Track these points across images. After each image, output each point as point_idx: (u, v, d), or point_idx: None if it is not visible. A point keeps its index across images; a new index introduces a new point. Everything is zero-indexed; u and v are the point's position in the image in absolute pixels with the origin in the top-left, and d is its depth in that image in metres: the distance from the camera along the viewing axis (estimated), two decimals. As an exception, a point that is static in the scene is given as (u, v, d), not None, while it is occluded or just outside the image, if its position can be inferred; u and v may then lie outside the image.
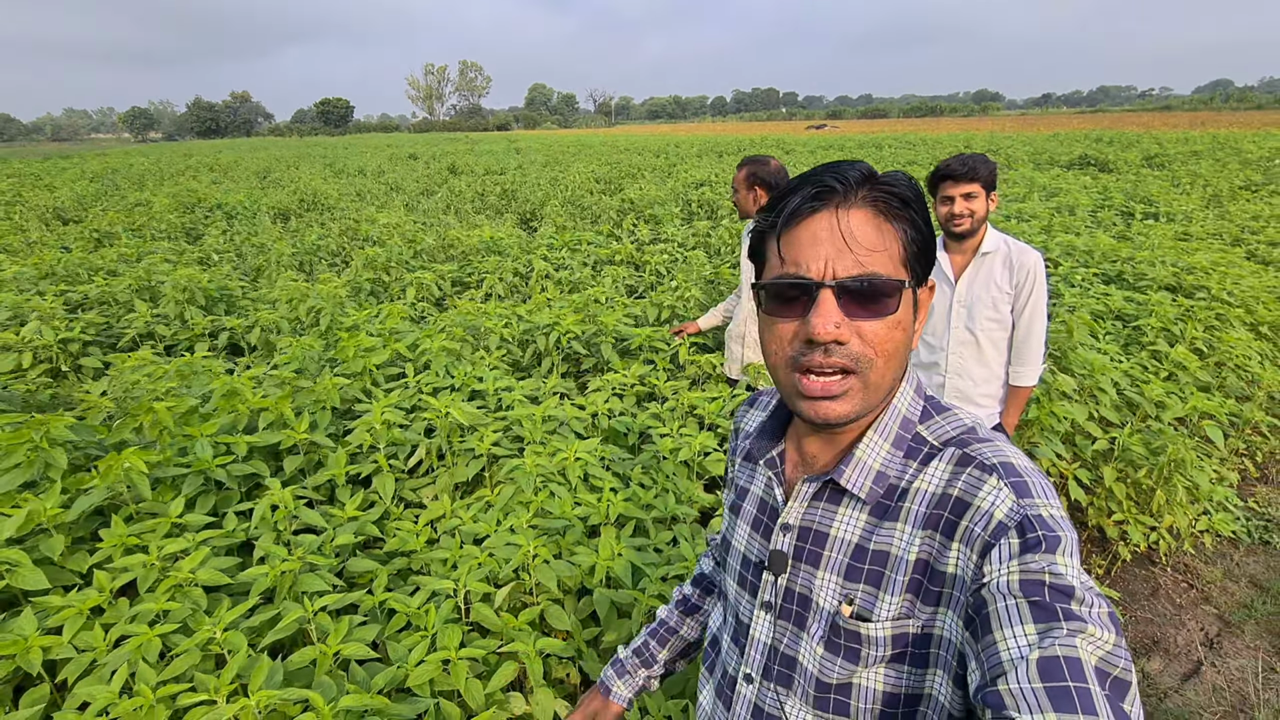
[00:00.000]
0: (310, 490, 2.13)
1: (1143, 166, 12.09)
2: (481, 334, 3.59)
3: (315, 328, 3.69)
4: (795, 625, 0.74)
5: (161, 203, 8.55)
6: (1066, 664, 0.50)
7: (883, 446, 0.71)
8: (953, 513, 0.64)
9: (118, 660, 1.43)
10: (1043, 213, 6.12)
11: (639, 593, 1.75)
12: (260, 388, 2.63)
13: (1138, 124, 34.79)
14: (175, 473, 2.04)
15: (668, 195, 8.85)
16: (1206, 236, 5.64)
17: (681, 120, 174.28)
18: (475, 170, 15.79)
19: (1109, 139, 18.90)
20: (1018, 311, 2.34)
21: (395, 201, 10.37)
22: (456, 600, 1.66)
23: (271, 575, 1.62)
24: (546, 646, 1.58)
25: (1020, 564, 0.57)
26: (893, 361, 0.67)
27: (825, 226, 0.65)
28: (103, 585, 1.59)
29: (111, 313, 3.85)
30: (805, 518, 0.75)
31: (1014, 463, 0.64)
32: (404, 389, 2.69)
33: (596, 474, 2.18)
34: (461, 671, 1.48)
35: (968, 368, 2.40)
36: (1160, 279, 4.24)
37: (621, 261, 5.47)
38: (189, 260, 5.23)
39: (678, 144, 24.04)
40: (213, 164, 19.45)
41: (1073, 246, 4.78)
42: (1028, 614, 0.54)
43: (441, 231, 6.53)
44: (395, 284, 5.03)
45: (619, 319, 3.57)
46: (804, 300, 0.65)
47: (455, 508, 2.06)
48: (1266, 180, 9.33)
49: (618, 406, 2.72)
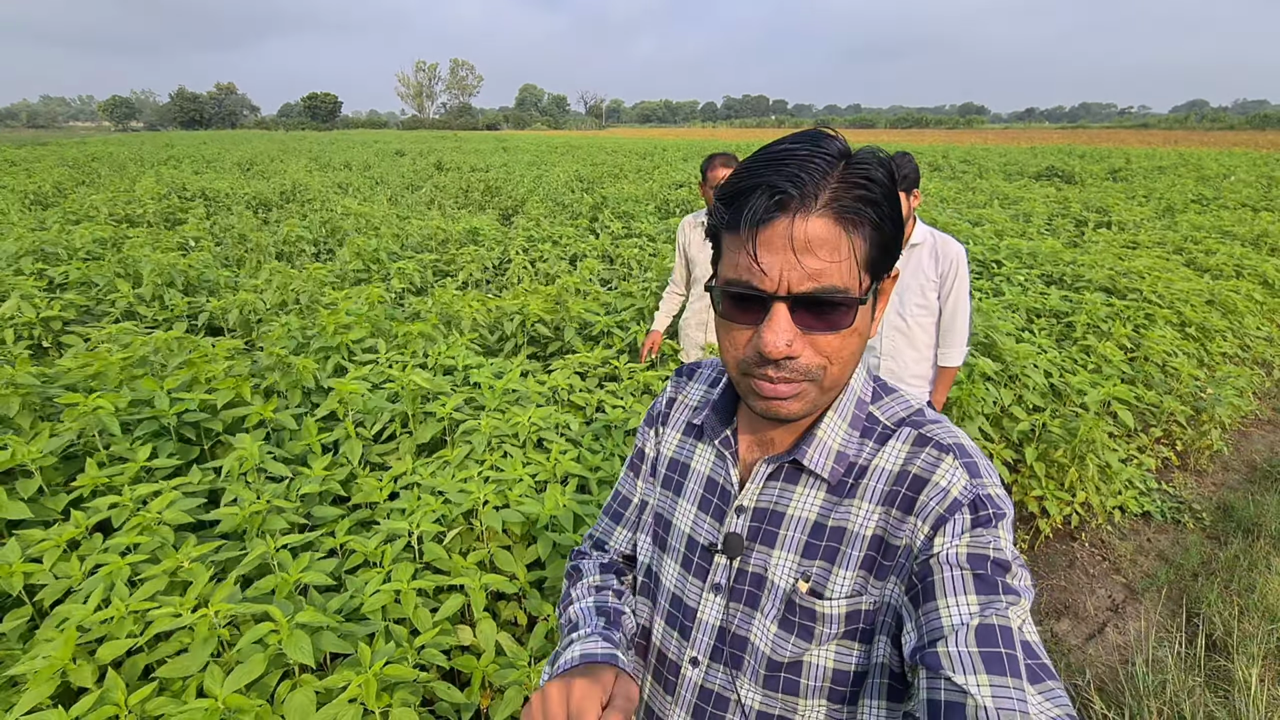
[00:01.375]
0: (282, 455, 2.27)
1: (1106, 179, 12.52)
2: (455, 319, 3.74)
3: (296, 306, 3.82)
4: (748, 605, 0.74)
5: (143, 187, 8.57)
6: (1000, 632, 0.55)
7: (841, 426, 0.72)
8: (910, 489, 0.66)
9: (93, 586, 1.57)
10: (999, 219, 6.40)
11: (579, 537, 1.92)
12: (234, 360, 2.76)
13: (1115, 140, 35.74)
14: (134, 417, 2.17)
15: (645, 194, 9.05)
16: (1152, 245, 5.95)
17: (672, 124, 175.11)
18: (461, 167, 15.89)
19: (1080, 153, 19.47)
20: (943, 298, 2.55)
21: (379, 195, 10.45)
22: (410, 540, 1.82)
23: (241, 516, 1.77)
24: (491, 582, 1.74)
25: (971, 537, 0.61)
26: (849, 365, 0.67)
27: (781, 235, 0.60)
28: (79, 521, 1.73)
29: (92, 294, 3.94)
30: (762, 498, 0.75)
31: (964, 444, 0.68)
32: (374, 365, 2.84)
33: (549, 438, 2.34)
34: (411, 599, 1.64)
35: (899, 350, 2.61)
36: (1097, 281, 4.51)
37: (596, 255, 5.65)
38: (167, 246, 5.32)
39: (665, 148, 24.33)
40: (195, 154, 19.33)
41: (1019, 250, 5.04)
42: (971, 585, 0.58)
43: (423, 223, 6.66)
44: (377, 273, 5.17)
45: (585, 307, 3.75)
46: (757, 310, 0.63)
47: (415, 465, 2.21)
48: (1216, 195, 9.76)
49: (579, 384, 2.89)
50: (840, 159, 0.62)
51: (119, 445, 2.08)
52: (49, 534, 1.70)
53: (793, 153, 0.61)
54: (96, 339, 3.09)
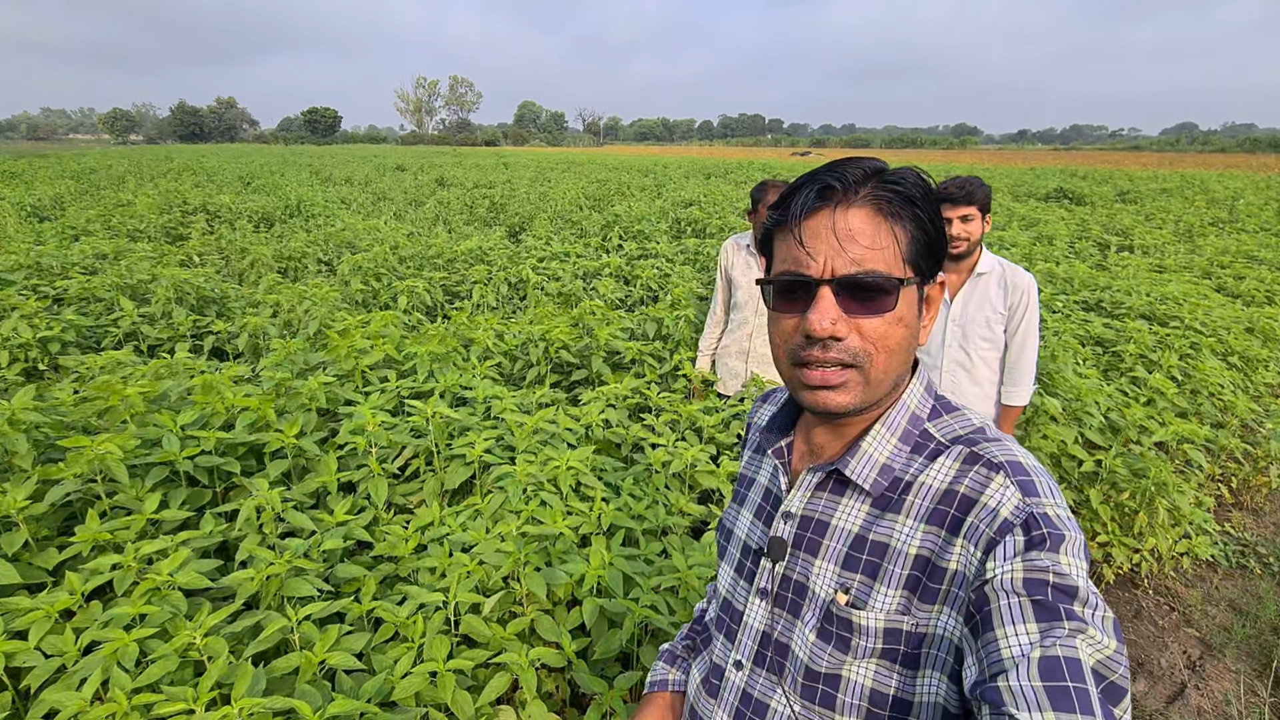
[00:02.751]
0: (297, 494, 2.07)
1: (1115, 201, 12.49)
2: (472, 345, 3.55)
3: (304, 331, 3.63)
4: (790, 613, 0.74)
5: (143, 202, 8.40)
6: (1066, 664, 0.50)
7: (889, 440, 0.71)
8: (958, 509, 0.64)
9: (90, 667, 1.36)
10: (1023, 241, 6.28)
11: (630, 602, 1.72)
12: (242, 386, 2.56)
13: (1109, 162, 36.03)
14: (142, 460, 1.96)
15: (656, 213, 8.92)
16: (1179, 269, 5.82)
17: (669, 142, 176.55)
18: (464, 183, 15.79)
19: (1083, 174, 19.53)
20: (1011, 332, 2.38)
21: (384, 210, 10.31)
22: (446, 612, 1.61)
23: (257, 579, 1.57)
24: (541, 656, 1.53)
25: (1025, 561, 0.57)
26: (895, 357, 0.68)
27: (825, 224, 0.66)
28: (74, 587, 1.52)
29: (92, 310, 3.74)
30: (808, 507, 0.75)
31: (1021, 461, 0.65)
32: (382, 392, 2.65)
33: (589, 483, 2.15)
34: (449, 683, 1.44)
35: (961, 386, 2.43)
36: (1136, 307, 4.36)
37: (610, 275, 5.49)
38: (170, 261, 5.13)
39: (665, 165, 24.32)
40: (195, 167, 19.20)
41: (1053, 274, 4.89)
42: (1030, 613, 0.54)
43: (429, 241, 6.50)
44: (385, 291, 4.98)
45: (612, 332, 3.57)
46: (805, 297, 0.67)
47: (444, 515, 2.01)
48: (1232, 218, 9.69)
49: (613, 418, 2.70)
50: (877, 170, 0.68)
51: (124, 493, 1.87)
52: (37, 601, 1.49)
53: (835, 164, 0.68)
54: (95, 365, 2.89)
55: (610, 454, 2.65)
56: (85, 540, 1.67)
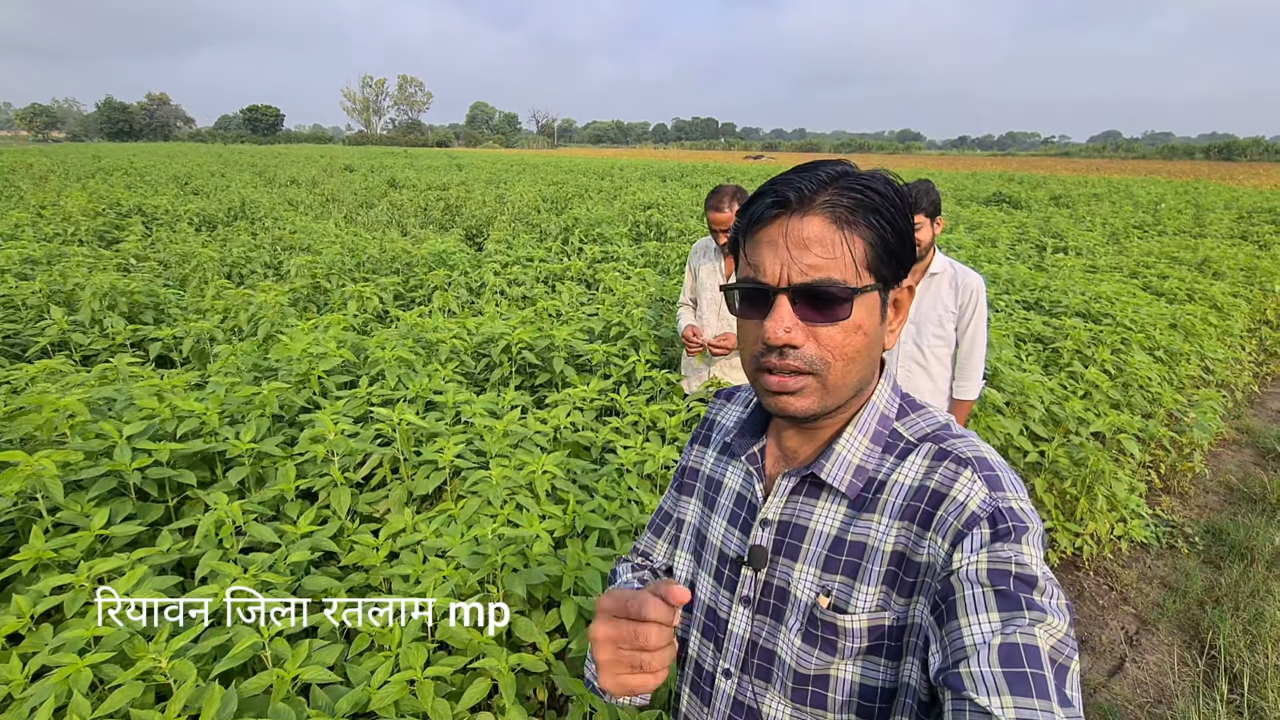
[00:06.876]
0: (254, 504, 2.00)
1: (1050, 204, 13.18)
2: (432, 346, 3.50)
3: (253, 337, 3.50)
4: (773, 619, 0.75)
5: (72, 203, 7.93)
6: (1025, 651, 0.53)
7: (861, 441, 0.73)
8: (929, 504, 0.66)
9: (41, 695, 1.29)
10: (968, 244, 6.57)
11: (610, 604, 1.73)
12: (190, 393, 2.46)
13: (1042, 167, 38.00)
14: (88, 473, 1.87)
15: (615, 215, 8.94)
16: (1109, 269, 6.19)
17: (624, 145, 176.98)
18: (417, 185, 15.46)
19: (1019, 179, 20.51)
20: (961, 330, 2.50)
21: (333, 213, 10.01)
22: (424, 618, 1.59)
23: (220, 596, 1.51)
24: (521, 661, 1.53)
25: (990, 553, 0.60)
26: (853, 365, 0.69)
27: (780, 233, 0.66)
28: (22, 610, 1.44)
29: (19, 317, 3.51)
30: (784, 512, 0.76)
31: (987, 457, 0.68)
32: (353, 398, 2.59)
33: (563, 486, 2.15)
34: (428, 691, 1.42)
35: (915, 382, 2.54)
36: (1073, 306, 4.62)
37: (573, 278, 5.48)
38: (106, 266, 4.86)
39: (621, 167, 24.38)
40: (126, 167, 18.20)
41: (996, 275, 5.14)
42: (993, 602, 0.57)
43: (385, 245, 6.34)
44: (337, 294, 4.84)
45: (572, 333, 3.56)
46: (764, 304, 0.68)
47: (416, 521, 1.98)
48: (1155, 222, 10.36)
49: (579, 420, 2.70)
50: (841, 175, 0.68)
51: (68, 508, 1.78)
52: (-21, 627, 1.40)
53: (798, 170, 0.69)
54: (25, 375, 2.72)
55: (580, 456, 2.65)
56: (28, 559, 1.58)
